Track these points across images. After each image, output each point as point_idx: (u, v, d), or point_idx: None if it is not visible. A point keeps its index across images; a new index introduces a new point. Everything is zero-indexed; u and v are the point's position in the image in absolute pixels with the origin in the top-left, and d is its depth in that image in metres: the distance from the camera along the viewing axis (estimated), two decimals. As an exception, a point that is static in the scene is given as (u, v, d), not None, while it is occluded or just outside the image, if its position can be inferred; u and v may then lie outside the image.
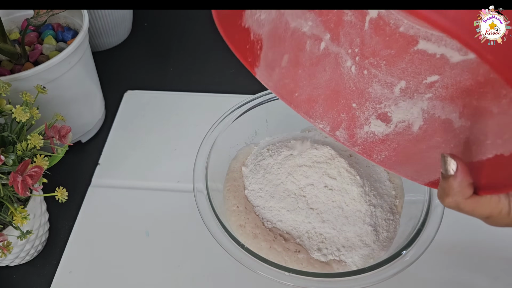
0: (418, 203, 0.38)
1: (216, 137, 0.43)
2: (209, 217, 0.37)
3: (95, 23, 0.64)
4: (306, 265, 0.37)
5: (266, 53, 0.32)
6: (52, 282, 0.43)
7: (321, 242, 0.38)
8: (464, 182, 0.25)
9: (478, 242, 0.44)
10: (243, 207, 0.41)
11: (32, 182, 0.33)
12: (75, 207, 0.49)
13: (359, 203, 0.39)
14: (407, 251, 0.34)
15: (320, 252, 0.37)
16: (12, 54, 0.47)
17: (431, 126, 0.32)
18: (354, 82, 0.34)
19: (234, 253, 0.34)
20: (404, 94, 0.32)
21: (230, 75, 0.65)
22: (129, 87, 0.63)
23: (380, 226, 0.39)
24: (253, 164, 0.45)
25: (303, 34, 0.32)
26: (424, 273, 0.42)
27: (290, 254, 0.37)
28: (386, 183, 0.42)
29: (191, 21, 0.75)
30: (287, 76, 0.34)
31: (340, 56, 0.33)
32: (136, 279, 0.43)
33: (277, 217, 0.40)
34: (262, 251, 0.38)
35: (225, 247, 0.35)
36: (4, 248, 0.35)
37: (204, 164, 0.41)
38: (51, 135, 0.38)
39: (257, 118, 0.47)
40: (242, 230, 0.40)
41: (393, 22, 0.30)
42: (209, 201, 0.38)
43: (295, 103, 0.35)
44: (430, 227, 0.35)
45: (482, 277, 0.42)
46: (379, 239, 0.38)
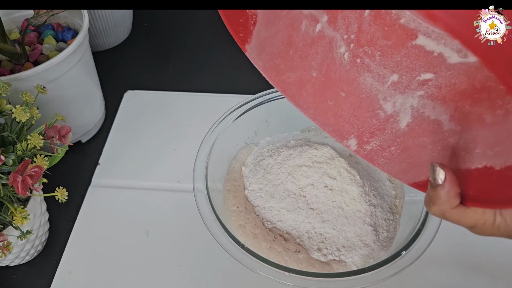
0: (418, 203, 0.38)
1: (216, 137, 0.43)
2: (209, 217, 0.37)
3: (95, 23, 0.64)
4: (306, 265, 0.37)
5: (259, 29, 0.31)
6: (52, 282, 0.43)
7: (321, 242, 0.38)
8: (451, 192, 0.25)
9: (478, 243, 0.44)
10: (243, 207, 0.41)
11: (32, 182, 0.33)
12: (75, 207, 0.49)
13: (359, 203, 0.39)
14: (407, 251, 0.34)
15: (320, 252, 0.38)
16: (12, 54, 0.47)
17: (419, 125, 0.31)
18: (345, 70, 0.33)
19: (234, 253, 0.34)
20: (395, 88, 0.31)
21: (230, 75, 0.65)
22: (129, 87, 0.63)
23: (380, 226, 0.39)
24: (253, 164, 0.45)
25: (300, 13, 0.31)
26: (424, 273, 0.42)
27: (290, 254, 0.37)
28: (386, 183, 0.42)
29: (191, 21, 0.75)
30: (278, 56, 0.33)
31: (335, 41, 0.32)
32: (136, 279, 0.43)
33: (277, 217, 0.40)
34: (262, 251, 0.38)
35: (225, 247, 0.35)
36: (4, 248, 0.35)
37: (204, 164, 0.41)
38: (51, 135, 0.38)
39: (257, 118, 0.47)
40: (242, 230, 0.40)
41: (395, 12, 0.29)
42: (209, 201, 0.38)
43: (283, 85, 0.34)
44: (430, 227, 0.35)
45: (482, 278, 0.42)
46: (379, 239, 0.38)
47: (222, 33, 0.73)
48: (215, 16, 0.75)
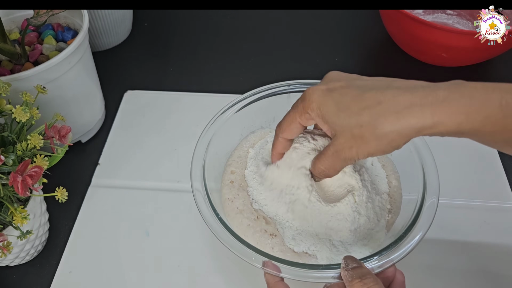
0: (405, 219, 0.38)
1: (213, 134, 0.43)
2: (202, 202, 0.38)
3: (95, 23, 0.64)
4: (277, 251, 0.37)
5: None
6: (52, 282, 0.43)
7: (298, 234, 0.38)
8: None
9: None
10: (238, 184, 0.42)
11: (32, 182, 0.33)
12: (75, 207, 0.49)
13: (345, 206, 0.39)
14: (374, 258, 0.34)
15: (294, 241, 0.38)
16: (12, 54, 0.47)
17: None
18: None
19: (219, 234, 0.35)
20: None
21: (230, 75, 0.65)
22: (129, 87, 0.63)
23: (360, 234, 0.39)
24: (259, 147, 0.45)
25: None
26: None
27: (266, 236, 0.38)
28: (384, 196, 0.42)
29: (191, 21, 0.75)
30: None
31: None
32: (136, 279, 0.43)
33: (264, 202, 0.40)
34: (241, 226, 0.39)
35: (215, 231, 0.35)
36: (4, 248, 0.35)
37: (201, 161, 0.41)
38: (51, 135, 0.38)
39: (278, 105, 0.47)
40: (229, 203, 0.41)
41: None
42: (206, 195, 0.38)
43: None
44: (398, 250, 0.34)
45: (484, 277, 0.43)
46: (357, 244, 0.38)
47: (222, 33, 0.73)
48: (215, 16, 0.75)
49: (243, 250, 0.34)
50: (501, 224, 0.47)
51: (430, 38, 0.58)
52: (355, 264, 0.31)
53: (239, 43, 0.71)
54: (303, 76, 0.64)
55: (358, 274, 0.30)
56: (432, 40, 0.58)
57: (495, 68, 0.65)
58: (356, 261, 0.32)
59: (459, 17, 0.69)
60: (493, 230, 0.46)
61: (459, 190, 0.49)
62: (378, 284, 0.29)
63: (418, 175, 0.39)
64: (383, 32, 0.69)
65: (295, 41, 0.71)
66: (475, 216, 0.47)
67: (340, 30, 0.73)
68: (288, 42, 0.70)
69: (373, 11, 0.74)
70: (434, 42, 0.58)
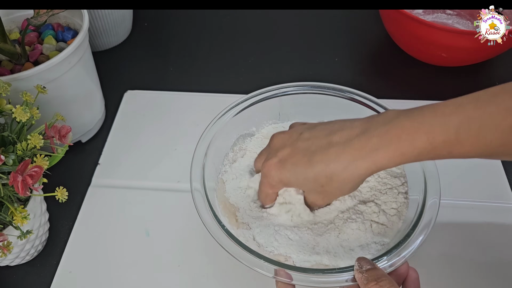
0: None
1: (214, 134, 0.43)
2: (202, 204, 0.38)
3: (95, 23, 0.64)
4: (251, 243, 0.38)
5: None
6: (52, 282, 0.43)
7: (277, 234, 0.38)
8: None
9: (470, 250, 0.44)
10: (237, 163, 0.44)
11: (32, 182, 0.33)
12: (75, 207, 0.49)
13: (332, 214, 0.39)
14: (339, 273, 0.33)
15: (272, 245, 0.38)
16: (12, 54, 0.47)
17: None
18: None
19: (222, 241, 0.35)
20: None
21: (230, 75, 0.65)
22: (129, 87, 0.63)
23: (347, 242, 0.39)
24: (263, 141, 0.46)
25: None
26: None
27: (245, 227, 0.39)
28: (389, 216, 0.41)
29: (191, 21, 0.75)
30: None
31: None
32: (136, 279, 0.43)
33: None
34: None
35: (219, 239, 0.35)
36: (4, 248, 0.35)
37: (201, 163, 0.41)
38: (51, 135, 0.38)
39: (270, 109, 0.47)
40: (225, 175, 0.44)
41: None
42: (205, 194, 0.38)
43: None
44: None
45: (483, 278, 0.43)
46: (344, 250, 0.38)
47: (222, 33, 0.73)
48: (215, 16, 0.75)
49: (254, 261, 0.34)
50: (501, 224, 0.47)
51: (430, 38, 0.58)
52: (369, 265, 0.31)
53: (239, 43, 0.71)
54: (303, 75, 0.64)
55: (374, 276, 0.30)
56: (432, 40, 0.58)
57: (495, 68, 0.65)
58: (370, 262, 0.32)
59: (459, 17, 0.69)
60: (493, 230, 0.46)
61: (459, 190, 0.49)
62: (393, 286, 0.29)
63: (418, 175, 0.39)
64: (383, 32, 0.69)
65: (295, 41, 0.71)
66: (475, 216, 0.47)
67: (340, 30, 0.73)
68: (288, 42, 0.70)
69: (373, 11, 0.74)
70: (434, 42, 0.58)
